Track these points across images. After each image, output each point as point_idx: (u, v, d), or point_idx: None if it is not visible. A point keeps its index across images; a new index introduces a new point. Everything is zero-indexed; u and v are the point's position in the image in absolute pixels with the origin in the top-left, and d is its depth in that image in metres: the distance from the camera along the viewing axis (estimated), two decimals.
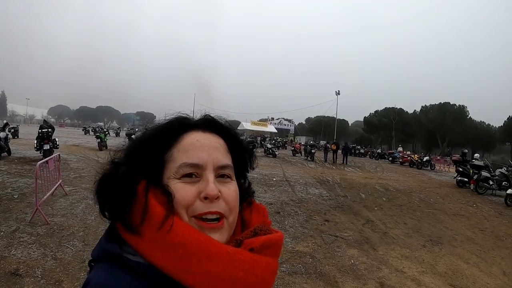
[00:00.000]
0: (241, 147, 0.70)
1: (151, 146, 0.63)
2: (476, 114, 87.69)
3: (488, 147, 51.15)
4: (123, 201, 0.57)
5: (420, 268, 4.56)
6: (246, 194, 0.71)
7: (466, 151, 16.83)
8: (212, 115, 0.70)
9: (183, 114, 0.69)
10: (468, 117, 55.32)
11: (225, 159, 0.64)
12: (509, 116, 49.66)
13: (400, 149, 35.32)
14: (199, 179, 0.60)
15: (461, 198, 11.46)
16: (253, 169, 0.75)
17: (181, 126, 0.65)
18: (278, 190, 9.53)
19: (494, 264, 5.04)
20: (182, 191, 0.59)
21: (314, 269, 4.21)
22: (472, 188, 13.28)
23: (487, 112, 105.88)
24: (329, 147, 25.10)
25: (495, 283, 4.30)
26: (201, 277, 0.52)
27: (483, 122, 58.49)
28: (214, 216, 0.59)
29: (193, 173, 0.60)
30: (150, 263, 0.54)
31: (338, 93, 56.68)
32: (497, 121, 61.90)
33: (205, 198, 0.58)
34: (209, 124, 0.67)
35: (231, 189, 0.62)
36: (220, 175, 0.62)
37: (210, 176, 0.60)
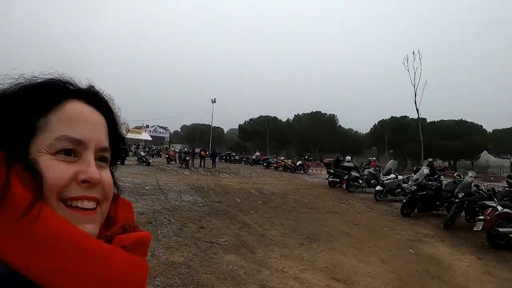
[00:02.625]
0: (118, 132, 0.63)
1: (20, 104, 0.49)
2: (345, 122, 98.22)
3: (356, 151, 56.80)
4: None
5: (301, 266, 4.61)
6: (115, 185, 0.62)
7: (347, 157, 17.66)
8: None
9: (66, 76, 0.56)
10: (338, 125, 61.80)
11: (106, 141, 0.56)
12: (375, 124, 57.37)
13: (257, 153, 36.73)
14: (77, 158, 0.51)
15: (334, 197, 12.33)
16: (123, 160, 0.48)
17: (63, 90, 0.54)
18: (150, 199, 8.79)
19: (372, 254, 5.41)
20: (56, 170, 0.48)
21: (191, 279, 3.83)
22: (344, 187, 14.53)
23: (355, 120, 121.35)
24: (198, 153, 26.72)
25: (375, 271, 4.65)
26: (73, 278, 0.43)
27: (352, 129, 66.08)
28: (90, 205, 0.50)
29: (73, 149, 0.50)
30: (4, 266, 0.42)
31: (214, 101, 57.67)
32: (364, 128, 71.53)
33: (84, 181, 0.49)
34: (94, 97, 0.57)
35: (108, 175, 0.56)
36: (99, 158, 0.54)
37: (91, 157, 0.52)
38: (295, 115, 65.87)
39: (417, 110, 23.17)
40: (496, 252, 6.17)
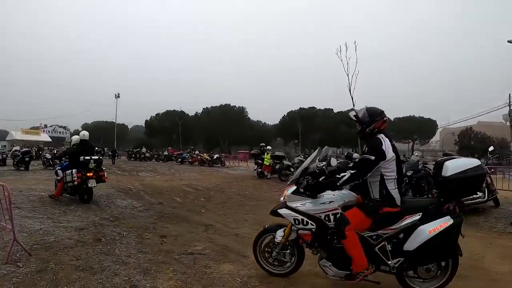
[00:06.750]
0: None
1: None
2: (253, 114, 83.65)
3: (265, 143, 51.22)
4: None
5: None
6: None
7: (268, 147, 17.41)
8: None
9: None
10: (246, 117, 59.03)
11: None
12: (284, 115, 57.66)
13: (169, 149, 34.79)
14: None
15: (271, 186, 12.28)
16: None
17: None
18: (80, 208, 7.42)
19: None
20: None
21: None
22: (268, 177, 14.77)
23: (261, 112, 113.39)
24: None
25: None
26: None
27: (260, 121, 63.39)
28: None
29: None
30: None
31: (117, 96, 53.27)
32: (270, 120, 66.44)
33: None
34: None
35: None
36: None
37: None
38: (203, 108, 60.40)
39: (352, 97, 23.43)
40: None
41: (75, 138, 8.81)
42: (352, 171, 3.27)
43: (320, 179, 3.40)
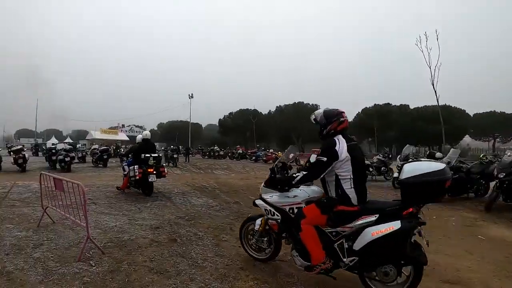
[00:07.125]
0: None
1: None
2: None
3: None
4: None
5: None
6: None
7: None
8: None
9: None
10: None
11: None
12: (358, 112, 58.30)
13: (238, 147, 37.30)
14: None
15: None
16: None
17: None
18: (156, 205, 7.38)
19: (457, 245, 5.13)
20: None
21: None
22: None
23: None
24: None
25: (473, 264, 4.33)
26: None
27: None
28: None
29: None
30: None
31: (191, 96, 56.42)
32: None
33: None
34: None
35: None
36: None
37: None
38: (277, 106, 62.95)
39: (435, 92, 21.39)
40: None
41: (139, 137, 9.58)
42: (305, 172, 3.30)
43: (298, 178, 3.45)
